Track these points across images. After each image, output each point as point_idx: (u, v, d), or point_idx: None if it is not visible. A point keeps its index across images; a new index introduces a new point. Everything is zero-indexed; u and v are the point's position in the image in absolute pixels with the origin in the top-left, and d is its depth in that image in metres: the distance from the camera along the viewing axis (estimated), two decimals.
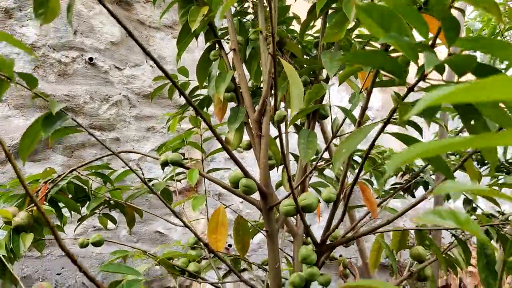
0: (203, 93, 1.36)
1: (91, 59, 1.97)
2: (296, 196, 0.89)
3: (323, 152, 1.00)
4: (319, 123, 1.77)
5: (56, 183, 1.16)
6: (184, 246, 1.34)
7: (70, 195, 1.25)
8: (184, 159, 1.15)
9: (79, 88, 1.93)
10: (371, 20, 0.49)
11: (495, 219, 1.18)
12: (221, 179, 1.52)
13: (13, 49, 1.82)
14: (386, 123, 0.63)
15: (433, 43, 0.52)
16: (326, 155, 1.75)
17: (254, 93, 1.23)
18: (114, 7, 2.08)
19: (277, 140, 1.18)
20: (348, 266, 1.41)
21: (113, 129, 1.99)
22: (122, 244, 1.22)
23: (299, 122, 1.23)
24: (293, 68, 0.79)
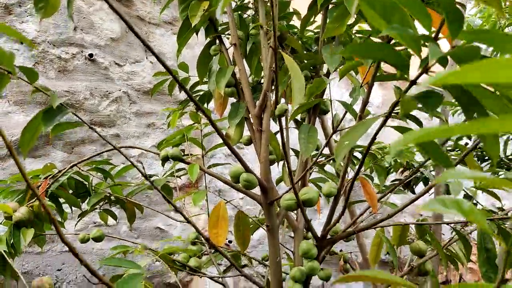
0: (203, 89, 1.36)
1: (91, 55, 1.97)
2: (297, 190, 0.89)
3: (323, 147, 1.00)
4: (319, 119, 1.77)
5: (57, 179, 1.16)
6: (184, 241, 1.34)
7: (71, 191, 1.25)
8: (185, 155, 1.15)
9: (79, 84, 1.92)
10: (373, 11, 0.49)
11: (495, 214, 1.18)
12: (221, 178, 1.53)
13: (13, 45, 1.81)
14: (387, 116, 0.63)
15: (436, 36, 0.52)
16: (327, 151, 1.75)
17: (255, 88, 1.22)
18: (114, 3, 2.07)
19: (277, 135, 1.18)
20: (349, 261, 1.41)
21: (113, 125, 1.99)
22: (122, 239, 1.22)
23: (299, 117, 1.23)
24: (294, 61, 0.79)
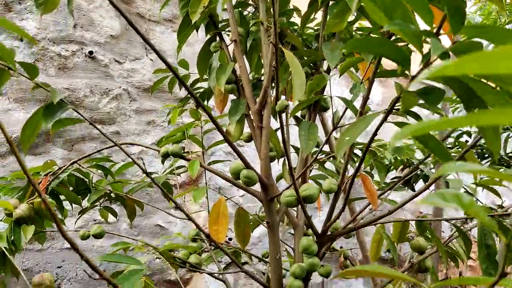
0: (203, 86, 1.36)
1: (91, 52, 1.97)
2: (297, 187, 0.89)
3: (323, 144, 1.00)
4: (319, 116, 1.76)
5: (57, 176, 1.16)
6: (185, 237, 1.34)
7: (71, 188, 1.25)
8: (185, 152, 1.15)
9: (79, 82, 1.92)
10: (375, 7, 0.49)
11: (495, 212, 1.18)
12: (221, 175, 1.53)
13: (13, 42, 1.81)
14: (388, 113, 0.63)
15: (437, 31, 0.52)
16: (327, 148, 1.75)
17: (255, 85, 1.22)
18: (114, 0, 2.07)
19: (278, 132, 1.18)
20: (349, 258, 1.41)
21: (113, 122, 1.99)
22: (123, 236, 1.23)
23: (299, 114, 1.23)
24: (295, 57, 0.79)
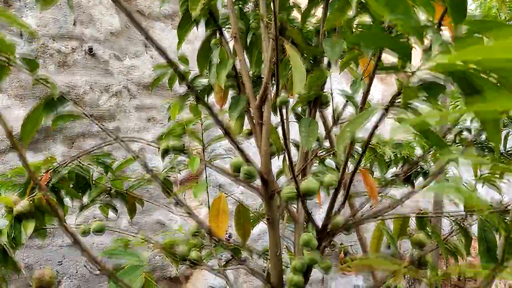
0: (203, 83, 1.36)
1: (91, 49, 1.97)
2: (297, 182, 0.89)
3: (324, 139, 1.00)
4: (320, 112, 1.76)
5: (58, 172, 1.16)
6: (185, 232, 1.34)
7: (71, 184, 1.25)
8: (185, 148, 1.15)
9: (79, 79, 1.92)
10: (377, 2, 0.49)
11: (495, 208, 1.18)
12: (221, 171, 1.52)
13: (12, 39, 1.81)
14: (389, 107, 0.63)
15: (438, 25, 0.51)
16: (327, 144, 1.75)
17: (255, 82, 1.22)
18: None
19: (278, 128, 1.18)
20: (348, 254, 1.41)
21: (113, 119, 1.99)
22: (123, 232, 1.23)
23: (300, 110, 1.23)
24: (295, 51, 0.79)
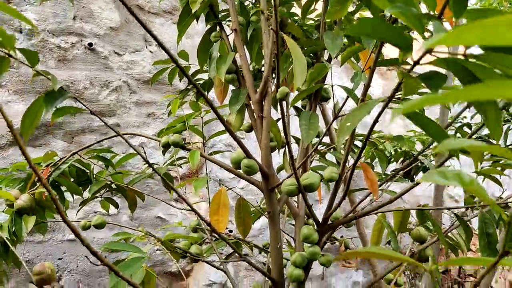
0: (203, 78, 1.36)
1: (90, 44, 1.96)
2: (298, 176, 0.89)
3: (324, 133, 1.00)
4: (320, 107, 1.76)
5: (58, 167, 1.16)
6: (186, 227, 1.34)
7: (72, 179, 1.25)
8: (185, 143, 1.15)
9: (78, 74, 1.92)
10: None
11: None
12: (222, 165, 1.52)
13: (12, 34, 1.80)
14: (389, 99, 0.63)
15: (440, 15, 0.51)
16: (327, 140, 1.75)
17: (255, 76, 1.22)
18: None
19: (278, 123, 1.18)
20: (349, 248, 1.41)
21: (113, 115, 1.99)
22: (124, 226, 1.23)
23: (300, 104, 1.23)
24: (296, 44, 0.78)
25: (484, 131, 1.99)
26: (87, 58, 1.95)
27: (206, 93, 1.37)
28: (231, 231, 2.22)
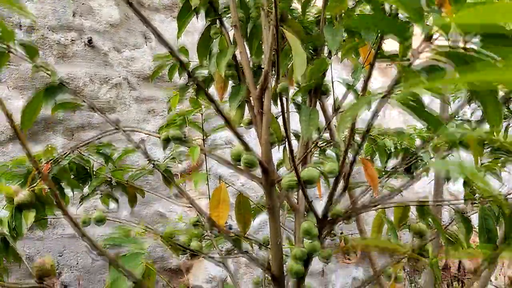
0: (203, 73, 1.36)
1: (90, 41, 1.96)
2: (298, 171, 0.89)
3: (324, 128, 1.00)
4: (320, 102, 1.76)
5: (58, 162, 1.16)
6: (186, 222, 1.35)
7: (72, 175, 1.25)
8: (185, 138, 1.15)
9: (78, 70, 1.92)
10: None
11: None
12: (222, 160, 1.52)
13: None
14: (389, 92, 0.63)
15: (439, 7, 0.51)
16: (327, 136, 1.74)
17: (255, 72, 1.22)
18: None
19: (279, 118, 1.18)
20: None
21: (113, 111, 1.99)
22: (124, 220, 1.23)
23: (300, 100, 1.23)
24: (296, 37, 0.78)
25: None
26: (86, 54, 1.95)
27: (206, 89, 1.37)
28: (231, 227, 2.22)
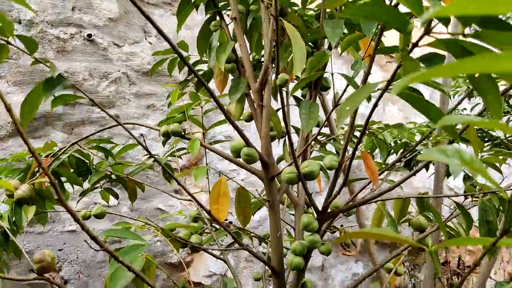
0: (203, 68, 1.36)
1: (89, 35, 1.96)
2: (298, 164, 0.89)
3: (324, 122, 1.00)
4: (320, 97, 1.76)
5: (58, 157, 1.16)
6: (186, 216, 1.35)
7: (72, 170, 1.25)
8: (185, 133, 1.15)
9: (78, 65, 1.91)
10: None
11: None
12: (221, 158, 1.50)
13: None
14: (389, 82, 0.63)
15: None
16: (327, 131, 1.75)
17: (255, 66, 1.21)
18: None
19: (279, 112, 1.18)
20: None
21: (113, 106, 1.99)
22: (124, 216, 1.23)
23: (300, 94, 1.23)
24: (295, 29, 0.78)
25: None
26: (86, 49, 1.95)
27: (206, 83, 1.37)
28: (231, 222, 2.22)
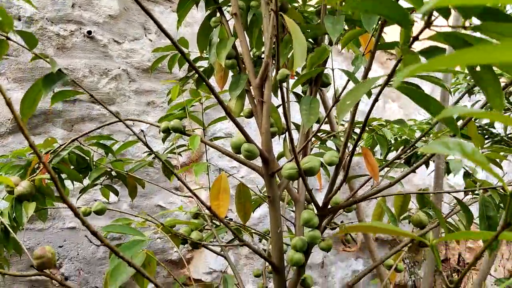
0: (203, 65, 1.36)
1: (89, 32, 1.95)
2: (298, 161, 0.89)
3: (324, 118, 0.99)
4: (320, 93, 1.76)
5: (58, 153, 1.16)
6: (186, 212, 1.35)
7: (72, 166, 1.25)
8: (185, 130, 1.15)
9: (78, 62, 1.91)
10: None
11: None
12: (221, 155, 1.51)
13: None
14: (389, 76, 0.63)
15: None
16: (327, 127, 1.74)
17: (255, 63, 1.21)
18: None
19: (279, 108, 1.18)
20: (349, 233, 1.41)
21: (113, 103, 1.99)
22: (124, 213, 1.23)
23: (300, 90, 1.23)
24: (296, 24, 0.78)
25: (484, 121, 1.98)
26: (86, 46, 1.94)
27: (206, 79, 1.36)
28: (231, 219, 2.23)
